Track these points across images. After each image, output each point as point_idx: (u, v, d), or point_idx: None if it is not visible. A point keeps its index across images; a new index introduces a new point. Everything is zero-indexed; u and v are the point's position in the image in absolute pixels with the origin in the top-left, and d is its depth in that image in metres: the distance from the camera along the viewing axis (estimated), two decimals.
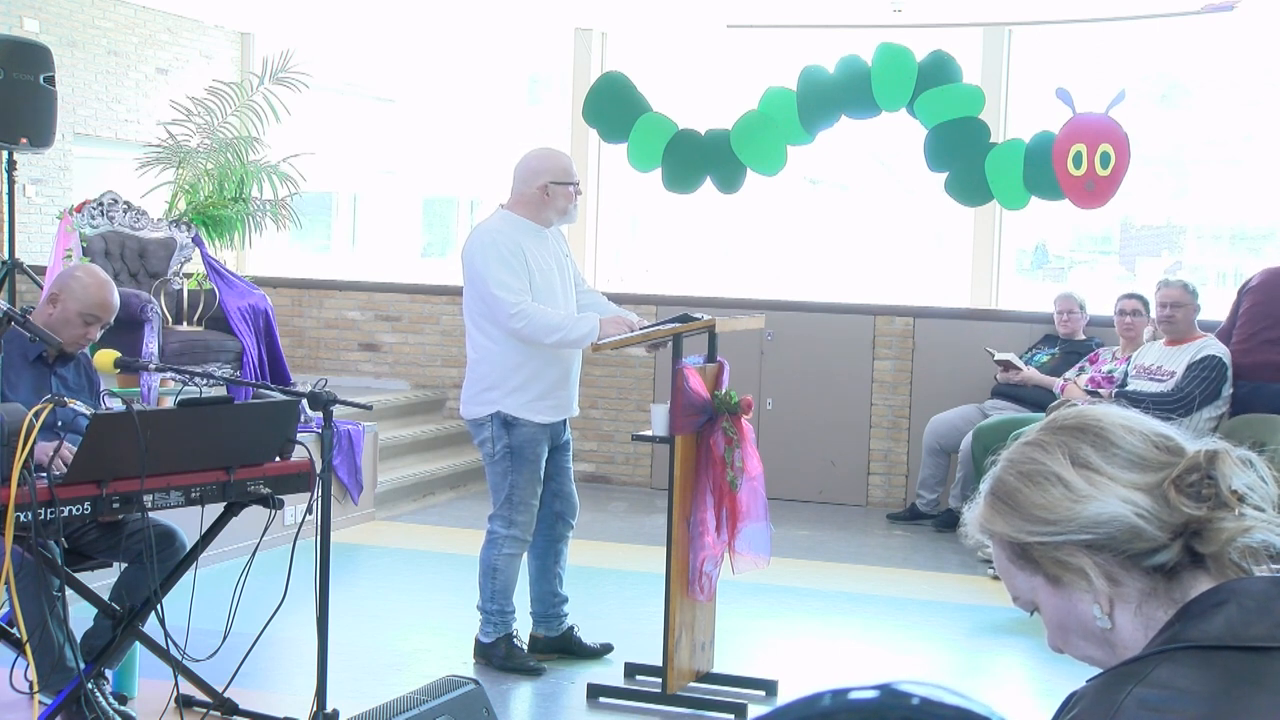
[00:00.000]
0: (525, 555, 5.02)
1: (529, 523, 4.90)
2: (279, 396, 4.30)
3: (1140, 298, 7.15)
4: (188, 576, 4.09)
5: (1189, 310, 6.56)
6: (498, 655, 4.93)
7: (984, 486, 1.44)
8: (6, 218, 7.23)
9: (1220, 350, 6.42)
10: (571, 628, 5.12)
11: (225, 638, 3.93)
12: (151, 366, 4.46)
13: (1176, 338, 6.55)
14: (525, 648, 5.02)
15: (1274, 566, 1.32)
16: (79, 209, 7.25)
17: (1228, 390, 6.42)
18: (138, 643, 4.19)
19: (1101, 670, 1.32)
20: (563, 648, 5.08)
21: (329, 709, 3.89)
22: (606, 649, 5.13)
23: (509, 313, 4.68)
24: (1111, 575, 1.33)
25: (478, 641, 5.00)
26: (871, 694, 0.81)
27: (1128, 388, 6.56)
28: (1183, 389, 6.28)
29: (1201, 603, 1.28)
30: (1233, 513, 1.31)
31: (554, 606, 5.10)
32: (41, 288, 6.30)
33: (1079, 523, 1.33)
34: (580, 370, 5.05)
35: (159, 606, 3.87)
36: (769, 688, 4.78)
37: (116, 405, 5.04)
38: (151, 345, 6.64)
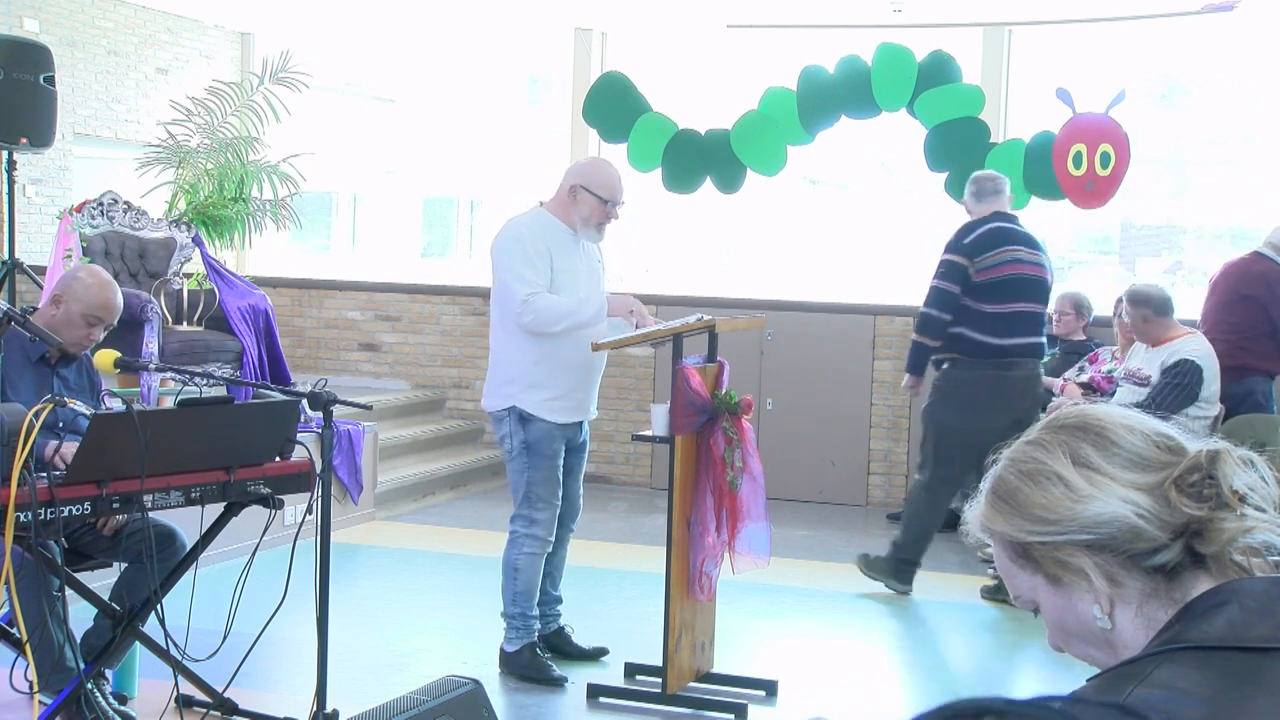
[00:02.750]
0: None
1: (549, 521, 4.83)
2: (279, 396, 4.30)
3: None
4: (188, 576, 4.09)
5: (1140, 319, 6.34)
6: (520, 663, 4.83)
7: (985, 485, 1.44)
8: (6, 218, 7.23)
9: (1193, 351, 6.25)
10: (562, 628, 5.09)
11: (225, 638, 3.93)
12: (151, 366, 4.46)
13: (1151, 342, 6.48)
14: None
15: (1274, 560, 1.32)
16: (79, 209, 7.26)
17: (1207, 391, 6.27)
18: (138, 643, 4.19)
19: (1101, 670, 1.32)
20: (553, 646, 5.04)
21: (329, 709, 3.89)
22: (601, 652, 5.08)
23: (518, 307, 4.65)
24: (1112, 575, 1.33)
25: (502, 651, 4.91)
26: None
27: (1114, 396, 6.45)
28: (1153, 398, 6.15)
29: (1202, 603, 1.28)
30: (1234, 513, 1.31)
31: (545, 605, 5.06)
32: (42, 288, 6.31)
33: (1079, 523, 1.33)
34: (599, 370, 4.94)
35: (159, 606, 3.86)
36: (769, 688, 4.78)
37: (116, 405, 5.03)
38: (151, 345, 6.64)
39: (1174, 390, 6.17)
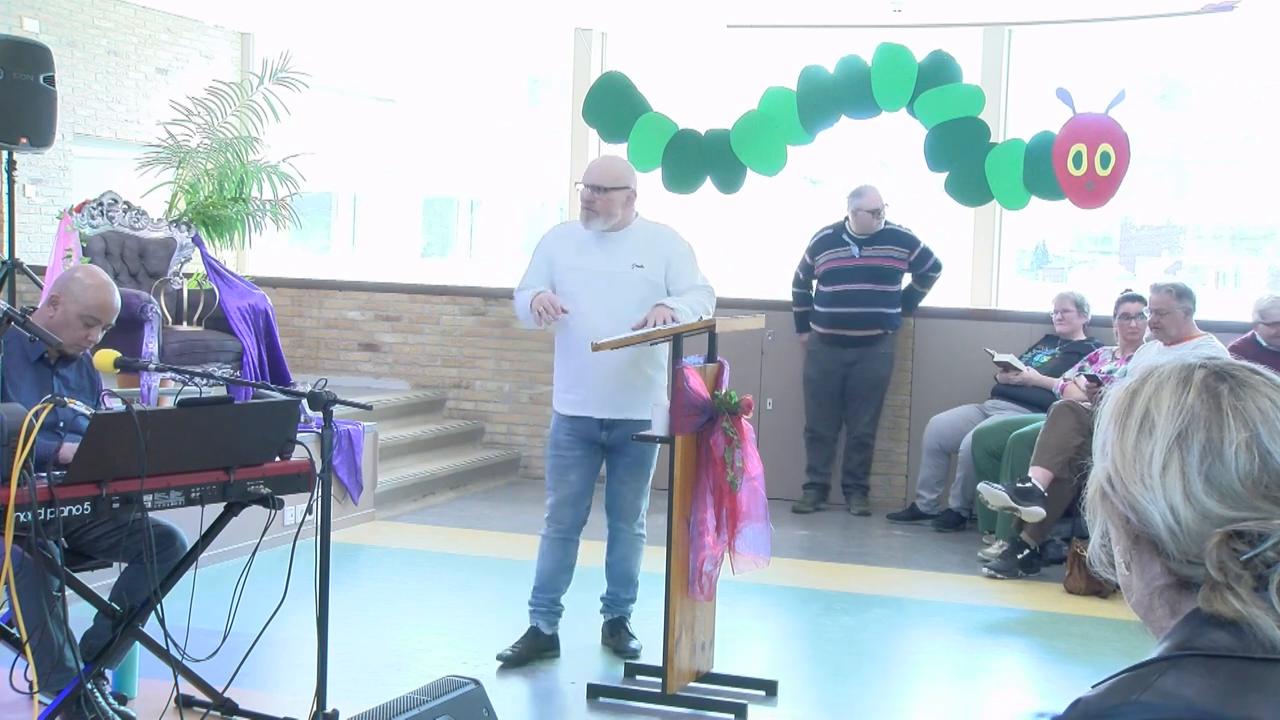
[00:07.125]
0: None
1: (557, 507, 4.98)
2: (279, 396, 4.30)
3: (1141, 298, 7.13)
4: (188, 576, 4.09)
5: (1176, 316, 6.47)
6: (515, 643, 5.01)
7: (1135, 375, 1.31)
8: (6, 218, 7.23)
9: (1218, 350, 6.37)
10: (615, 619, 5.17)
11: (225, 638, 3.93)
12: (151, 366, 4.46)
13: (1170, 341, 6.51)
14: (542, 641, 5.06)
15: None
16: (79, 209, 7.25)
17: None
18: (138, 643, 4.19)
19: (1106, 677, 1.30)
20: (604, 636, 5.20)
21: (329, 709, 3.89)
22: (633, 654, 5.07)
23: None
24: (1135, 549, 1.29)
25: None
26: None
27: None
28: None
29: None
30: (1259, 599, 1.19)
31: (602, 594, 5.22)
32: (41, 288, 6.30)
33: (1123, 495, 1.28)
34: (613, 371, 4.84)
35: (159, 606, 3.86)
36: (769, 688, 4.78)
37: (116, 405, 5.03)
38: (151, 345, 6.64)
39: None
